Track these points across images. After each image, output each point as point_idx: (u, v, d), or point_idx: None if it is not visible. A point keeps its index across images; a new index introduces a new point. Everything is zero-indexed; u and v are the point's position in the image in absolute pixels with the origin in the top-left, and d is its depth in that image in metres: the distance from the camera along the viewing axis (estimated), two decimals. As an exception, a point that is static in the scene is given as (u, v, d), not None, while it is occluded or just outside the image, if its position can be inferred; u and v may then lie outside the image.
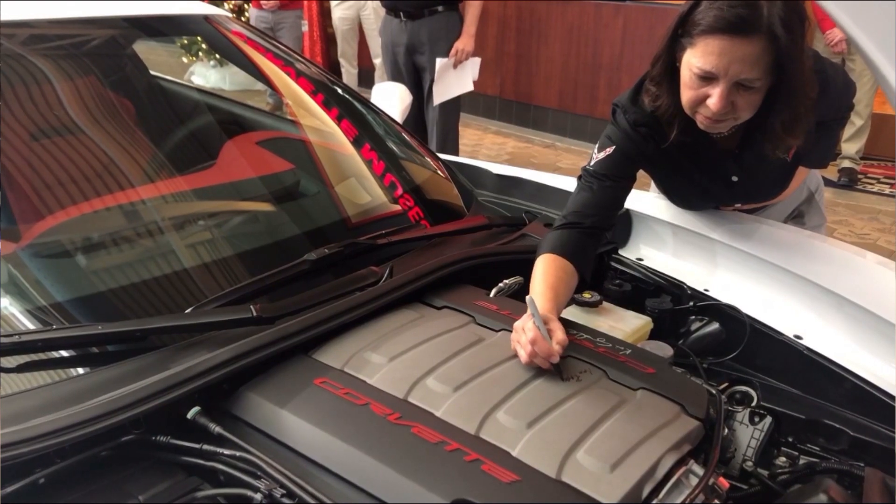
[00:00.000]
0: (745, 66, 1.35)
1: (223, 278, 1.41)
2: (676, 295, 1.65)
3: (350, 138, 2.00)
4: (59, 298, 1.30)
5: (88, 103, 1.77)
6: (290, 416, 1.06)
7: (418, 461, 0.98)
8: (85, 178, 1.59)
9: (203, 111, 2.18)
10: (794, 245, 1.67)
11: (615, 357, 1.26)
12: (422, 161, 2.02)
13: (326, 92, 2.12)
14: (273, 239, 1.59)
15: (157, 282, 1.37)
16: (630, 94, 1.62)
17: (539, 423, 1.07)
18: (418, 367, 1.17)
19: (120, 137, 1.74)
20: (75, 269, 1.41)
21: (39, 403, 1.05)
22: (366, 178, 1.92)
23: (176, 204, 1.63)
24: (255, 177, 1.77)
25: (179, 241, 1.51)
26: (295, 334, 1.20)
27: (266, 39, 2.23)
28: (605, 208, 1.57)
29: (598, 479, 0.98)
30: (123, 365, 1.13)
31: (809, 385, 1.46)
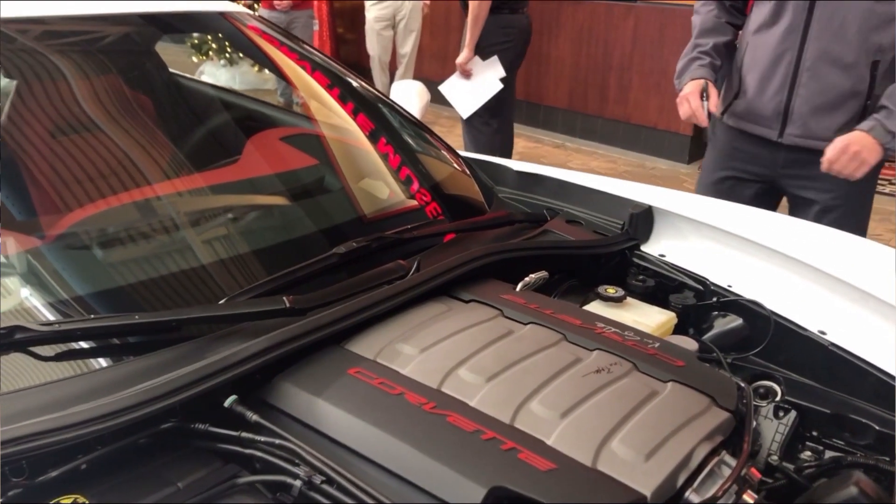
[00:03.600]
0: None
1: (252, 272, 1.42)
2: (699, 291, 1.66)
3: (367, 133, 2.01)
4: (89, 291, 1.31)
5: (109, 100, 1.79)
6: (327, 404, 1.08)
7: (456, 449, 0.99)
8: (112, 173, 1.61)
9: (224, 108, 2.20)
10: (816, 240, 1.68)
11: (644, 350, 1.27)
12: (442, 158, 2.03)
13: (342, 86, 2.14)
14: (298, 233, 1.60)
15: (185, 275, 1.38)
16: None
17: (572, 413, 1.08)
18: (450, 358, 1.18)
19: (144, 134, 1.75)
20: (106, 262, 1.42)
21: (78, 391, 1.06)
22: (385, 174, 1.94)
23: (203, 198, 1.65)
24: (280, 172, 1.79)
25: (207, 234, 1.52)
26: (327, 325, 1.21)
27: (282, 34, 2.24)
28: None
29: (634, 468, 0.99)
30: (159, 354, 1.14)
31: (834, 380, 1.46)
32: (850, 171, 2.00)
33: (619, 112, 5.93)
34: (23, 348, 1.10)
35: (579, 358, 1.22)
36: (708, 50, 2.20)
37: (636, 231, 1.79)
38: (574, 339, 1.28)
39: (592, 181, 1.95)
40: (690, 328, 1.63)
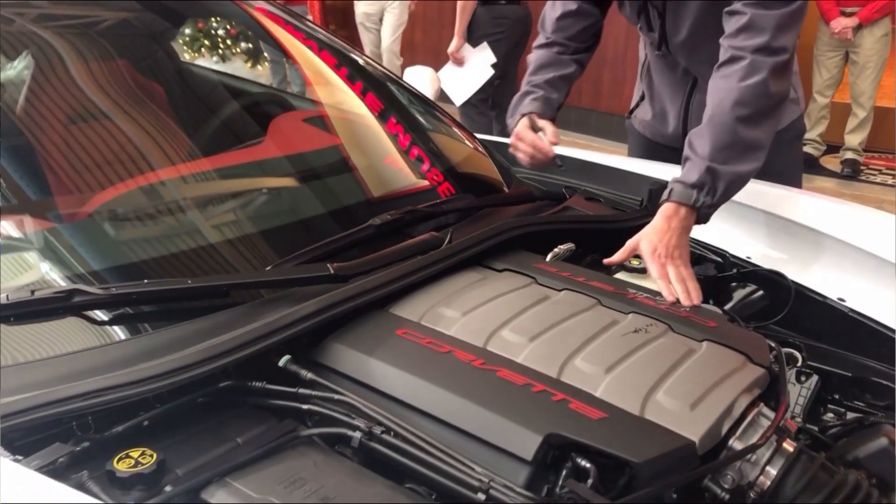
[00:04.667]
0: None
1: (287, 244, 1.45)
2: (719, 263, 1.71)
3: (387, 114, 2.04)
4: (133, 264, 1.34)
5: (126, 86, 1.81)
6: (379, 362, 1.11)
7: (509, 400, 1.03)
8: (138, 156, 1.63)
9: (243, 94, 2.22)
10: (830, 210, 1.73)
11: (677, 313, 1.32)
12: (459, 138, 2.07)
13: (351, 66, 2.17)
14: (329, 208, 1.63)
15: (223, 246, 1.41)
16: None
17: (616, 368, 1.12)
18: (492, 321, 1.22)
19: (159, 120, 1.78)
20: (142, 237, 1.45)
21: (137, 352, 1.09)
22: (401, 154, 1.97)
23: (233, 178, 1.67)
24: (305, 152, 1.82)
25: (239, 211, 1.55)
26: (371, 290, 1.24)
27: (288, 13, 2.26)
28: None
29: (680, 417, 1.03)
30: (211, 318, 1.17)
31: (854, 345, 1.51)
32: (675, 269, 1.48)
33: (613, 105, 5.98)
34: (79, 311, 1.13)
35: (616, 320, 1.26)
36: (541, 83, 1.84)
37: (655, 207, 1.82)
38: (609, 304, 1.32)
39: (609, 161, 1.99)
40: (710, 299, 1.68)
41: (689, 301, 1.37)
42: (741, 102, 1.51)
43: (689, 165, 1.54)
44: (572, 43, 1.88)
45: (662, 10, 1.79)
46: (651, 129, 2.12)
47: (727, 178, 1.50)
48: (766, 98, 1.53)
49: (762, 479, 1.05)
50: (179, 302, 1.20)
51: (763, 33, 1.53)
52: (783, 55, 1.56)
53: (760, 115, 1.54)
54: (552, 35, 1.88)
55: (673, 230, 1.49)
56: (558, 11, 1.89)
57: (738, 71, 1.53)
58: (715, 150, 1.49)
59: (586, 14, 1.89)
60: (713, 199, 1.50)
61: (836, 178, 5.21)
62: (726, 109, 1.51)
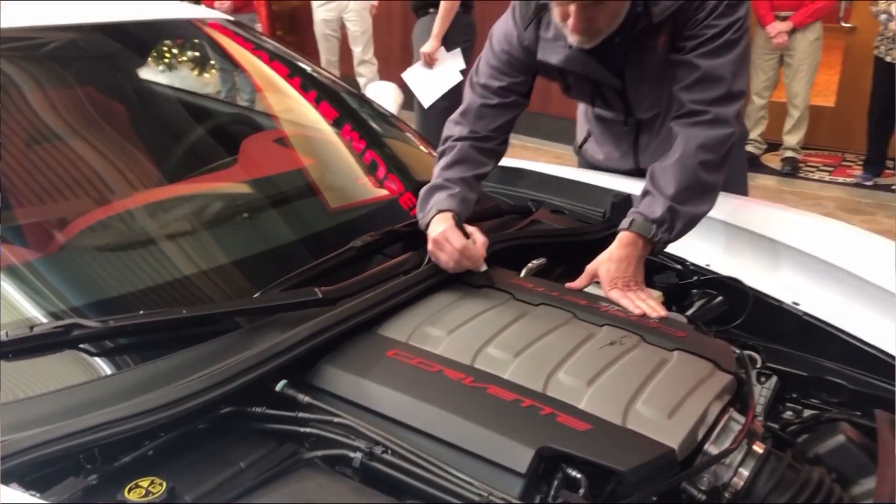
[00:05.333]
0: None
1: (273, 267, 1.50)
2: (679, 270, 1.79)
3: (350, 133, 2.09)
4: (104, 297, 1.36)
5: (81, 111, 1.81)
6: (373, 384, 1.16)
7: (501, 417, 1.09)
8: (91, 183, 1.64)
9: (208, 114, 2.24)
10: (782, 220, 1.83)
11: (647, 324, 1.39)
12: (423, 151, 2.12)
13: (322, 88, 2.21)
14: (304, 233, 1.67)
15: (207, 274, 1.45)
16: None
17: (597, 381, 1.19)
18: (477, 338, 1.28)
19: (118, 144, 1.79)
20: (123, 265, 1.47)
21: (136, 383, 1.12)
22: (363, 170, 2.01)
23: (205, 202, 1.70)
24: (276, 174, 1.85)
25: (217, 236, 1.58)
26: (360, 313, 1.29)
27: (244, 29, 2.28)
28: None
29: (660, 426, 1.11)
30: (206, 346, 1.21)
31: (809, 346, 1.61)
32: (635, 294, 1.51)
33: (563, 109, 6.08)
34: (78, 345, 1.15)
35: (592, 333, 1.34)
36: (456, 180, 1.63)
37: (617, 218, 1.91)
38: (583, 317, 1.39)
39: (572, 174, 2.07)
40: (673, 306, 1.76)
41: (657, 314, 1.45)
42: (706, 148, 1.57)
43: (650, 200, 1.59)
44: (495, 134, 1.74)
45: (622, 88, 1.78)
46: (603, 165, 2.14)
47: (685, 217, 1.58)
48: (729, 142, 1.60)
49: (735, 480, 1.13)
50: (175, 331, 1.23)
51: (720, 84, 1.57)
52: (742, 98, 1.63)
53: (722, 160, 1.61)
54: (475, 126, 1.73)
55: (630, 259, 1.55)
56: (480, 103, 1.74)
57: (703, 123, 1.58)
58: (678, 192, 1.55)
59: (511, 106, 1.76)
60: (670, 235, 1.57)
61: (776, 176, 5.40)
62: (691, 153, 1.57)
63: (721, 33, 1.55)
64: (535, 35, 1.67)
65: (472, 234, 1.51)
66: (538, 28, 1.67)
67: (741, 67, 1.60)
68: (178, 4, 2.25)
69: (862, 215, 4.71)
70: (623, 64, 1.69)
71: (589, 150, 2.15)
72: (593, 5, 1.46)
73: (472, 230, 1.54)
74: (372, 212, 1.81)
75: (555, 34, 1.63)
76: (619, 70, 1.71)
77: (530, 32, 1.67)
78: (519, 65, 1.71)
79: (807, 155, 5.70)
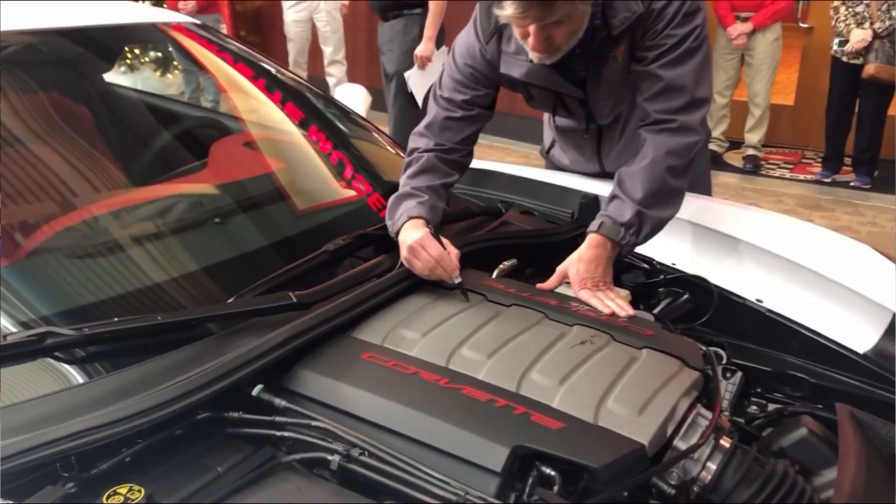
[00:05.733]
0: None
1: (247, 271, 1.50)
2: (646, 270, 1.83)
3: (320, 134, 2.10)
4: (75, 306, 1.36)
5: (49, 116, 1.79)
6: (349, 387, 1.17)
7: (476, 417, 1.11)
8: (55, 189, 1.63)
9: (179, 117, 2.24)
10: (745, 219, 1.88)
11: (617, 323, 1.42)
12: (392, 153, 2.14)
13: (293, 93, 2.21)
14: (274, 237, 1.68)
15: (175, 281, 1.45)
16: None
17: (568, 379, 1.22)
18: (451, 340, 1.30)
19: (84, 149, 1.78)
20: (92, 272, 1.47)
21: (112, 390, 1.12)
22: (331, 172, 2.02)
23: (174, 207, 1.70)
24: (248, 178, 1.86)
25: (189, 242, 1.58)
26: (335, 317, 1.30)
27: (209, 31, 2.28)
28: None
29: (630, 423, 1.14)
30: (182, 351, 1.21)
31: (772, 342, 1.66)
32: (604, 294, 1.56)
33: (528, 109, 6.12)
34: (52, 352, 1.15)
35: (563, 333, 1.36)
36: (424, 189, 1.64)
37: (585, 219, 1.94)
38: (554, 317, 1.42)
39: (541, 175, 2.10)
40: (641, 304, 1.80)
41: (625, 313, 1.48)
42: (673, 154, 1.61)
43: (619, 203, 1.62)
44: (460, 146, 1.75)
45: (584, 98, 1.79)
46: (570, 168, 2.17)
47: (652, 221, 1.62)
48: (695, 149, 1.64)
49: (704, 474, 1.17)
50: (149, 337, 1.23)
51: (683, 93, 1.60)
52: (707, 104, 1.66)
53: (688, 166, 1.65)
54: (440, 138, 1.74)
55: (599, 260, 1.58)
56: (444, 115, 1.75)
57: (670, 131, 1.62)
58: (646, 196, 1.59)
59: (475, 119, 1.77)
60: (637, 238, 1.61)
61: (739, 174, 5.50)
62: (659, 158, 1.60)
63: (680, 42, 1.58)
64: (497, 49, 1.69)
65: (447, 247, 1.52)
66: (500, 42, 1.68)
67: (703, 74, 1.63)
68: (143, 7, 2.23)
69: (821, 211, 4.82)
70: (584, 74, 1.72)
71: (556, 156, 2.18)
72: (552, 25, 1.48)
73: (448, 243, 1.54)
74: (341, 214, 1.82)
75: (516, 48, 1.66)
76: (580, 80, 1.74)
77: (492, 46, 1.69)
78: (482, 78, 1.73)
79: (767, 153, 5.81)
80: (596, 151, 2.00)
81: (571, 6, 1.42)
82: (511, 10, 1.43)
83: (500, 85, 1.77)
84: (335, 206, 1.89)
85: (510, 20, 1.49)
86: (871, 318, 1.58)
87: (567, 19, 1.47)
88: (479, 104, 1.75)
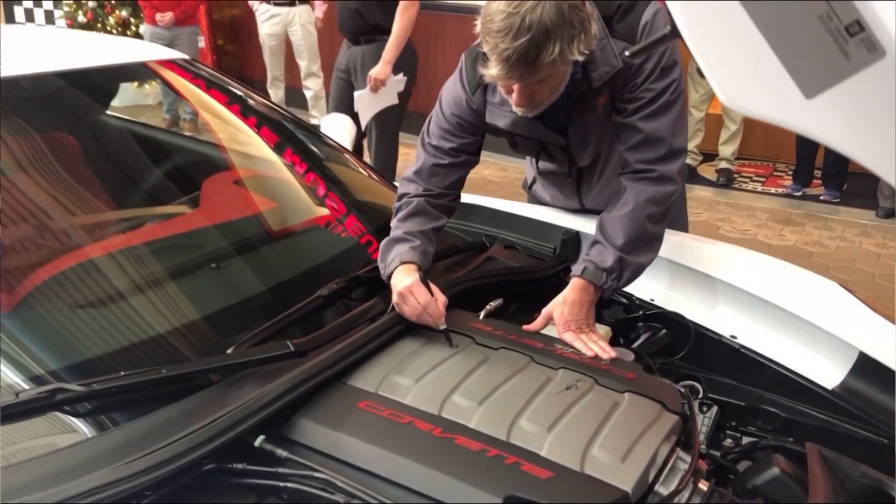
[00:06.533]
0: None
1: (242, 317, 1.55)
2: (626, 305, 1.91)
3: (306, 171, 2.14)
4: (73, 359, 1.40)
5: (38, 158, 1.81)
6: (348, 437, 1.23)
7: (469, 467, 1.17)
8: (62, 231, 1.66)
9: (168, 151, 2.27)
10: (720, 256, 1.96)
11: (600, 366, 1.50)
12: (384, 193, 2.20)
13: (284, 131, 2.25)
14: (273, 280, 1.73)
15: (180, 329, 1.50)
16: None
17: (556, 426, 1.29)
18: (443, 386, 1.36)
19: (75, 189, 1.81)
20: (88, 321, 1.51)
21: (121, 442, 1.17)
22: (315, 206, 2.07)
23: (170, 251, 1.74)
24: (240, 218, 1.91)
25: (184, 288, 1.62)
26: (331, 366, 1.36)
27: (197, 68, 2.32)
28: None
29: (614, 470, 1.21)
30: (185, 403, 1.26)
31: (745, 377, 1.74)
32: (588, 336, 1.62)
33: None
34: (62, 407, 1.20)
35: (549, 378, 1.43)
36: (416, 233, 1.69)
37: (567, 254, 2.01)
38: (541, 360, 1.49)
39: (522, 209, 2.17)
40: (621, 339, 1.88)
41: (607, 355, 1.55)
42: (653, 202, 1.68)
43: (601, 249, 1.70)
44: (448, 191, 1.82)
45: (566, 145, 1.86)
46: (551, 204, 2.24)
47: (633, 267, 1.70)
48: (673, 197, 1.72)
49: (683, 517, 1.24)
50: (154, 389, 1.28)
51: (662, 144, 1.68)
52: (683, 154, 1.74)
53: (666, 212, 1.73)
54: (429, 184, 1.80)
55: (583, 303, 1.66)
56: (432, 162, 1.81)
57: (648, 180, 1.70)
58: (626, 243, 1.67)
59: (462, 165, 1.83)
60: (619, 283, 1.70)
61: (712, 187, 5.62)
62: (640, 206, 1.68)
63: (658, 96, 1.66)
64: (482, 99, 1.76)
65: (435, 294, 1.58)
66: (485, 93, 1.75)
67: (679, 126, 1.71)
68: (133, 44, 2.26)
69: (792, 226, 4.94)
70: (566, 122, 1.79)
71: (538, 191, 2.26)
72: (534, 83, 1.55)
73: (436, 290, 1.59)
74: (335, 255, 1.87)
75: (500, 100, 1.72)
76: (562, 128, 1.81)
77: (478, 97, 1.75)
78: (469, 126, 1.80)
79: (740, 165, 5.93)
80: (576, 190, 2.07)
81: (553, 67, 1.49)
82: (495, 71, 1.50)
83: (485, 132, 1.83)
84: (328, 245, 1.94)
85: (494, 80, 1.55)
86: (839, 356, 1.66)
87: (549, 79, 1.54)
88: (466, 151, 1.81)
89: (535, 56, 1.45)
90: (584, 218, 2.07)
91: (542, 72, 1.49)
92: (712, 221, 4.99)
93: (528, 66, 1.46)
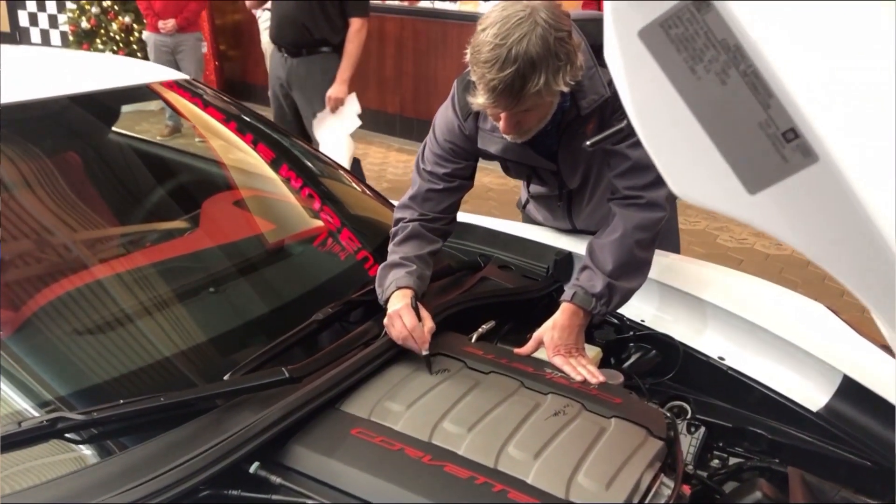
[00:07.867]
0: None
1: (238, 342, 1.59)
2: (617, 326, 1.94)
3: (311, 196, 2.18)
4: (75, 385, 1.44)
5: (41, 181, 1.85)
6: (340, 464, 1.27)
7: (458, 495, 1.21)
8: (60, 256, 1.70)
9: (165, 168, 2.31)
10: (708, 278, 2.00)
11: (588, 391, 1.53)
12: (383, 213, 2.24)
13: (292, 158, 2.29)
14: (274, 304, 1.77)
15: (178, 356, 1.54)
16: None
17: (543, 453, 1.32)
18: (434, 412, 1.40)
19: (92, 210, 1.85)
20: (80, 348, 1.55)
21: (122, 469, 1.21)
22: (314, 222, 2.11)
23: (169, 274, 1.77)
24: (240, 240, 1.95)
25: (183, 313, 1.66)
26: (325, 392, 1.40)
27: (200, 88, 2.36)
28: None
29: (598, 497, 1.24)
30: (182, 430, 1.30)
31: (733, 398, 1.77)
32: (577, 360, 1.66)
33: (505, 128, 6.25)
34: (63, 435, 1.24)
35: (538, 403, 1.47)
36: (412, 258, 1.73)
37: (560, 274, 2.05)
38: (530, 385, 1.52)
39: (516, 229, 2.21)
40: (612, 359, 1.91)
41: (595, 380, 1.59)
42: (641, 228, 1.72)
43: (590, 274, 1.73)
44: (443, 215, 1.86)
45: (557, 170, 1.90)
46: (543, 224, 2.28)
47: (621, 292, 1.74)
48: (661, 223, 1.75)
49: (666, 544, 1.28)
50: (153, 416, 1.32)
51: (649, 171, 1.69)
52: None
53: (654, 238, 1.76)
54: (423, 209, 1.84)
55: (573, 328, 1.70)
56: (427, 188, 1.85)
57: (637, 206, 1.73)
58: (615, 269, 1.71)
59: (456, 189, 1.87)
60: (608, 308, 1.73)
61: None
62: (629, 232, 1.71)
63: None
64: (474, 125, 1.80)
65: (423, 320, 1.60)
66: (477, 119, 1.79)
67: None
68: (137, 65, 2.30)
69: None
70: (556, 147, 1.82)
71: (531, 211, 2.30)
72: (521, 112, 1.58)
73: (425, 315, 1.61)
74: (335, 276, 1.91)
75: (492, 126, 1.76)
76: (552, 154, 1.85)
77: (470, 123, 1.79)
78: (462, 152, 1.83)
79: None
80: (567, 212, 2.11)
81: (538, 97, 1.53)
82: (482, 100, 1.54)
83: (478, 157, 1.87)
84: (325, 266, 1.98)
85: (481, 108, 1.59)
86: (824, 379, 1.70)
87: (535, 108, 1.58)
88: (460, 176, 1.85)
89: (520, 87, 1.49)
90: (577, 238, 2.10)
91: (527, 102, 1.53)
92: (710, 230, 5.02)
93: (514, 96, 1.50)
